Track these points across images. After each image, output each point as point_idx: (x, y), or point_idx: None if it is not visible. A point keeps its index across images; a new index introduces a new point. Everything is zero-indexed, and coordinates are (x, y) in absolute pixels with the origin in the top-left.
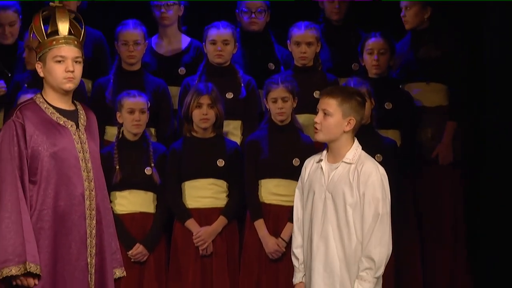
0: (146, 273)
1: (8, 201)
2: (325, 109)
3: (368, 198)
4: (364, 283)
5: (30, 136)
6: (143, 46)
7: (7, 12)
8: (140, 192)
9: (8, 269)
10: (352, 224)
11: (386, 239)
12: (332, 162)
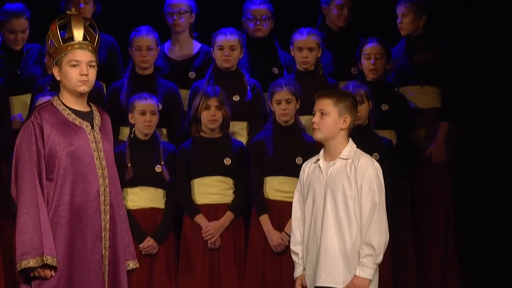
0: (156, 265)
1: (26, 197)
2: (322, 109)
3: (365, 189)
4: (365, 269)
5: (48, 136)
6: (155, 51)
7: (20, 19)
8: (151, 188)
9: (26, 261)
10: (353, 215)
11: (384, 227)
12: (329, 160)
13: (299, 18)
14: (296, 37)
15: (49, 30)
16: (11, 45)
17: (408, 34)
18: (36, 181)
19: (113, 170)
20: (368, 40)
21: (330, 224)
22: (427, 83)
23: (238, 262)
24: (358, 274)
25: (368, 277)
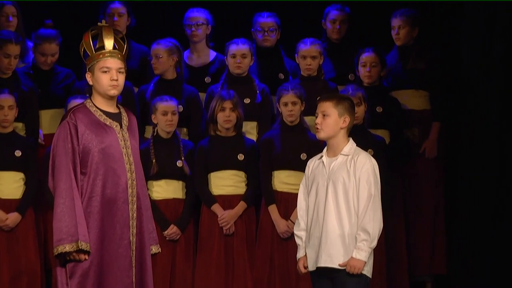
0: (177, 250)
1: (63, 189)
2: (323, 111)
3: (363, 182)
4: (361, 252)
5: (82, 134)
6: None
7: (52, 44)
8: (173, 181)
9: (62, 246)
10: (351, 204)
11: (378, 216)
12: (331, 156)
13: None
14: (300, 47)
15: (83, 39)
16: (41, 65)
17: (402, 44)
18: (72, 175)
19: (138, 165)
20: (364, 49)
21: (331, 212)
22: (420, 87)
23: (250, 247)
24: (355, 256)
25: (364, 259)
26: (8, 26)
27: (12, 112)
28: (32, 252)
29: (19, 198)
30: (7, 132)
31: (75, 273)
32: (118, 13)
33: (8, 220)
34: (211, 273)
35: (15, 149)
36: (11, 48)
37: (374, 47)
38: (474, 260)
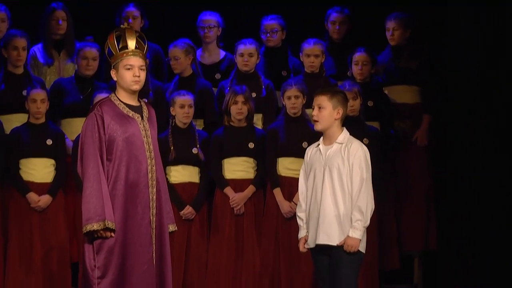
0: (193, 228)
1: (90, 174)
2: (319, 104)
3: (356, 167)
4: (356, 231)
5: (107, 125)
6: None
7: (92, 48)
8: (189, 167)
9: (91, 225)
10: (345, 187)
11: (370, 197)
12: (327, 144)
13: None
14: (304, 46)
15: (107, 40)
16: (83, 70)
17: (396, 44)
18: (99, 161)
19: (157, 153)
20: (357, 49)
21: (327, 194)
22: (412, 83)
23: (258, 226)
24: (351, 235)
25: (359, 238)
26: (59, 29)
27: (44, 105)
28: (62, 230)
29: (50, 182)
30: (40, 123)
31: (102, 249)
32: (132, 16)
33: (40, 202)
34: (223, 249)
35: (47, 138)
36: (18, 41)
37: (366, 48)
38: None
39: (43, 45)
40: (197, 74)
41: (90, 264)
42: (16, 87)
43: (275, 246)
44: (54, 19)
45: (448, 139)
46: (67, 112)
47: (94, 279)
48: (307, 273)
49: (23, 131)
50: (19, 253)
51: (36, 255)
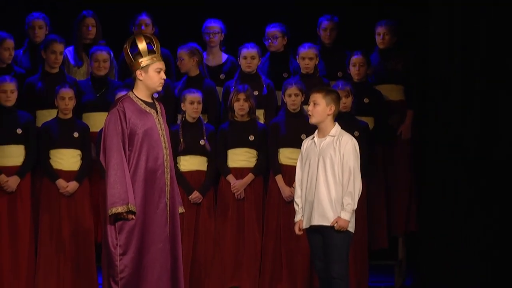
0: (201, 211)
1: (114, 163)
2: (314, 101)
3: (346, 157)
4: (347, 213)
5: (129, 119)
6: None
7: (103, 51)
8: (197, 156)
9: (115, 208)
10: (337, 175)
11: (358, 184)
12: (321, 137)
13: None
14: (300, 50)
15: (137, 43)
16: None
17: (384, 48)
18: (122, 151)
19: (169, 143)
20: (354, 52)
21: (321, 181)
22: (397, 82)
23: (257, 209)
24: (342, 216)
25: (348, 219)
26: (88, 34)
27: (72, 102)
28: (87, 213)
29: (76, 170)
30: (67, 118)
31: (123, 229)
32: (145, 23)
33: (68, 187)
34: (227, 229)
35: (73, 131)
36: (56, 46)
37: (362, 51)
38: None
39: (74, 48)
40: (203, 75)
41: (113, 242)
42: (51, 86)
43: (276, 226)
44: (85, 25)
45: (430, 132)
46: (85, 108)
47: (116, 256)
48: (305, 250)
49: (53, 125)
50: (49, 233)
51: (64, 235)
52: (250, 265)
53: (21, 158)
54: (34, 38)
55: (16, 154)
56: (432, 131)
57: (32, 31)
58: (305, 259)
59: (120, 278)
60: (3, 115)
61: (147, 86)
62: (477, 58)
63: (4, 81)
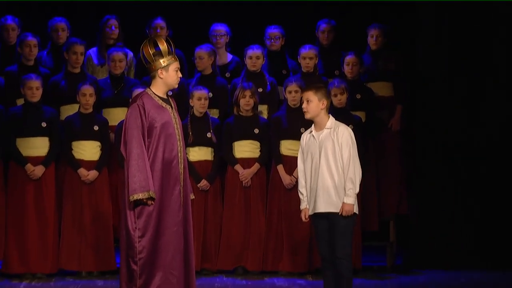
0: (209, 197)
1: (135, 153)
2: (307, 98)
3: (344, 146)
4: (350, 198)
5: (148, 113)
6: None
7: (119, 52)
8: (204, 147)
9: (137, 195)
10: (338, 163)
11: (358, 169)
12: (318, 130)
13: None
14: (301, 50)
15: (159, 44)
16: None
17: (376, 49)
18: (142, 143)
19: (182, 136)
20: (348, 53)
21: (324, 171)
22: (387, 80)
23: (261, 195)
24: (346, 201)
25: (352, 203)
26: (112, 35)
27: (92, 98)
28: (106, 199)
29: (96, 160)
30: (88, 113)
31: (142, 214)
32: (160, 27)
33: (89, 176)
34: (234, 214)
35: (94, 125)
36: (77, 48)
37: (355, 51)
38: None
39: (98, 49)
40: (216, 73)
41: (132, 226)
42: (74, 84)
43: (278, 210)
44: (108, 27)
45: (417, 124)
46: (105, 104)
47: (135, 238)
48: (305, 232)
49: (75, 119)
50: (72, 217)
51: (85, 219)
52: (255, 246)
53: (46, 149)
54: (57, 40)
55: (41, 146)
56: (419, 123)
57: (55, 34)
58: (305, 241)
59: (138, 258)
60: (29, 110)
61: (167, 83)
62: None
63: (30, 79)
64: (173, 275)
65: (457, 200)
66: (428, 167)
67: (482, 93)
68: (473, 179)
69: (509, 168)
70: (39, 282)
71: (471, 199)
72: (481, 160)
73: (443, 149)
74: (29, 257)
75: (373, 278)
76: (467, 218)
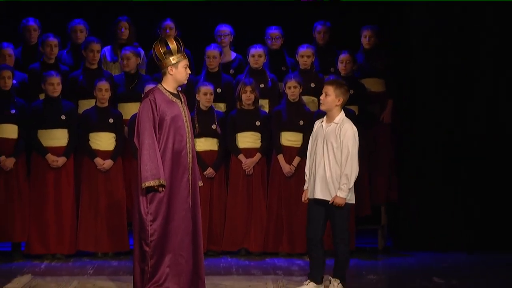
0: (214, 184)
1: (147, 144)
2: (326, 92)
3: (345, 143)
4: (343, 192)
5: (158, 107)
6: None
7: (128, 53)
8: (210, 138)
9: (149, 182)
10: (338, 157)
11: (355, 166)
12: (328, 122)
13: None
14: (300, 49)
15: (169, 44)
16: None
17: (369, 48)
18: (153, 134)
19: (191, 128)
20: (342, 52)
21: (324, 161)
22: (379, 77)
23: (263, 183)
24: (338, 195)
25: (344, 197)
26: (122, 35)
27: (108, 93)
28: (121, 186)
29: (111, 150)
30: (104, 107)
31: (154, 200)
32: (169, 27)
33: (105, 165)
34: (238, 199)
35: (109, 118)
36: (94, 46)
37: (349, 50)
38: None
39: (111, 47)
40: (221, 71)
41: (144, 211)
42: (91, 79)
43: (278, 197)
44: (119, 28)
45: (406, 117)
46: (119, 99)
47: (147, 222)
48: (303, 216)
49: (91, 112)
50: (88, 203)
51: (101, 204)
52: (257, 229)
53: (65, 140)
54: (76, 40)
55: (61, 137)
56: (408, 116)
57: (74, 34)
58: (303, 224)
59: (150, 240)
60: (50, 104)
61: (176, 79)
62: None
63: (51, 76)
64: (182, 256)
65: (443, 188)
66: (416, 156)
67: (466, 89)
68: (456, 168)
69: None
70: (58, 262)
71: (453, 186)
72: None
73: (430, 140)
74: (49, 239)
75: (366, 258)
76: (450, 203)
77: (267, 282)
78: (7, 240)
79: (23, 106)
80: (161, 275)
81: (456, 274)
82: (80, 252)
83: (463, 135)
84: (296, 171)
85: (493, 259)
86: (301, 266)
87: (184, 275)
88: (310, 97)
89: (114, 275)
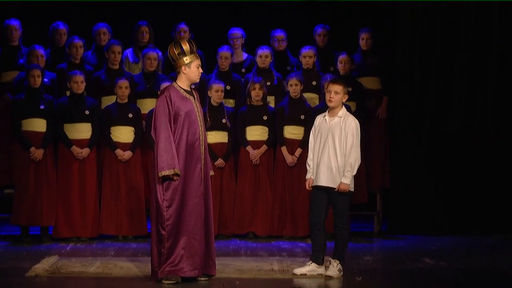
0: (224, 173)
1: (163, 137)
2: (336, 90)
3: (349, 135)
4: (347, 179)
5: (173, 103)
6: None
7: (153, 52)
8: (220, 132)
9: (164, 172)
10: (342, 147)
11: (358, 156)
12: (331, 116)
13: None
14: (302, 50)
15: (182, 46)
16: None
17: (366, 49)
18: (169, 128)
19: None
20: (341, 53)
21: (329, 151)
22: (376, 75)
23: (269, 172)
24: (343, 181)
25: (348, 183)
26: (143, 39)
27: (127, 90)
28: (139, 175)
29: (131, 142)
30: (124, 103)
31: (169, 188)
32: (183, 30)
33: (125, 155)
34: (246, 187)
35: (129, 113)
36: (115, 48)
37: (347, 51)
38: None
39: (132, 49)
40: (231, 70)
41: (161, 198)
42: (113, 78)
43: (282, 185)
44: (140, 32)
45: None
46: (139, 96)
47: (163, 207)
48: (305, 202)
49: (112, 108)
50: (110, 191)
51: (122, 192)
52: (263, 214)
53: (89, 133)
54: (100, 42)
55: (85, 130)
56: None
57: (98, 37)
58: (305, 209)
59: (166, 225)
60: (75, 100)
61: (189, 78)
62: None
63: (75, 74)
64: (195, 239)
65: (433, 177)
66: (408, 148)
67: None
68: (445, 158)
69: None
70: (83, 245)
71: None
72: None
73: (421, 133)
74: (75, 223)
75: (362, 242)
76: (439, 191)
77: (273, 262)
78: (36, 224)
79: (51, 102)
80: (176, 256)
81: (444, 255)
82: (102, 235)
83: (450, 128)
84: (298, 161)
85: (476, 241)
86: (303, 248)
87: (197, 257)
88: (312, 94)
89: (133, 256)
